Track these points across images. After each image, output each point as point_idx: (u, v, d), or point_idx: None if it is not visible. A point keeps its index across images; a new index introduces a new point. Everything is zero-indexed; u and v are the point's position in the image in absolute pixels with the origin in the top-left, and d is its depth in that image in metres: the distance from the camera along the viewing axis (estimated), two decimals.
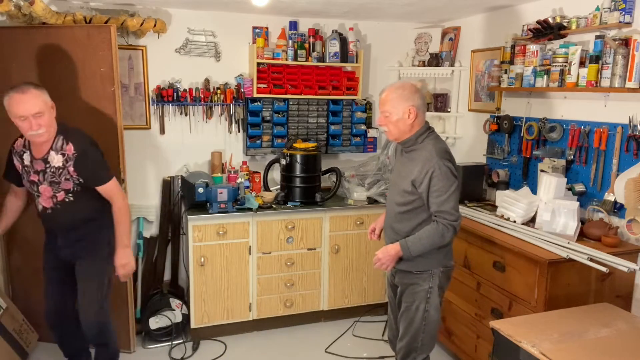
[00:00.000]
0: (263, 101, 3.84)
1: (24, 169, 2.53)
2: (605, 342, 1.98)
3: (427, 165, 2.24)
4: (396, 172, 2.48)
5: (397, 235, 2.40)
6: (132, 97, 3.64)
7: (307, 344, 3.51)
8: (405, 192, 2.33)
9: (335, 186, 3.77)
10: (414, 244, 2.29)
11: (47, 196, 2.52)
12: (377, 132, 4.20)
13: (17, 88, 2.35)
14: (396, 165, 2.52)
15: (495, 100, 3.58)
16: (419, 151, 2.32)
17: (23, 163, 2.53)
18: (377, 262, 2.40)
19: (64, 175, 2.49)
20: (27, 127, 2.35)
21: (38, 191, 2.53)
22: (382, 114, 2.35)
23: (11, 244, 3.33)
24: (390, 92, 2.32)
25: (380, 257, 2.38)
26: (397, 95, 2.30)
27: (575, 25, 2.83)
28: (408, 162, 2.36)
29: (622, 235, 2.67)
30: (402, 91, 2.31)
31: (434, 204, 2.26)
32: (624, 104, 2.66)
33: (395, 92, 2.31)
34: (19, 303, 3.32)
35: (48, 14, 2.89)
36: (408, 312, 2.44)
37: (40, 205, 2.57)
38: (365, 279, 3.81)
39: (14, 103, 2.33)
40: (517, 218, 2.95)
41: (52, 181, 2.49)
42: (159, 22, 3.44)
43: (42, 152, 2.49)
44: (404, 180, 2.35)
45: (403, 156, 2.44)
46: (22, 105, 2.32)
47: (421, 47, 4.20)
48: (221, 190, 3.36)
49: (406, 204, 2.35)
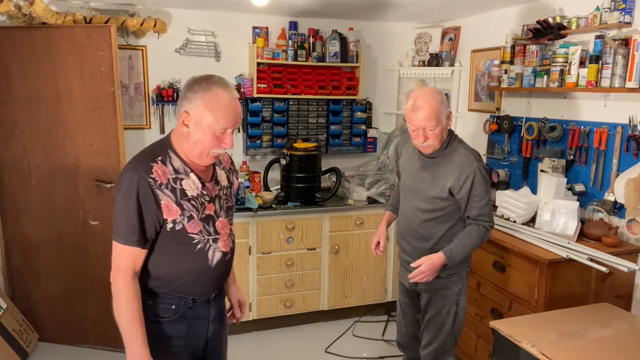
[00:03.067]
0: (263, 101, 3.83)
1: (191, 204, 1.60)
2: (605, 342, 1.98)
3: (467, 170, 2.16)
4: (416, 178, 2.31)
5: (425, 242, 2.30)
6: (132, 97, 3.64)
7: (307, 344, 3.51)
8: (438, 198, 2.22)
9: (335, 186, 3.77)
10: (458, 251, 2.19)
11: (226, 234, 1.71)
12: (377, 132, 4.20)
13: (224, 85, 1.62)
14: (412, 171, 2.35)
15: (495, 100, 3.58)
16: (450, 156, 2.21)
17: (186, 196, 1.60)
18: (419, 276, 2.19)
19: (232, 194, 1.83)
20: (225, 142, 1.60)
21: (216, 232, 1.67)
22: (426, 130, 2.12)
23: (11, 244, 3.33)
24: (432, 103, 2.10)
25: (425, 270, 2.18)
26: (438, 103, 2.12)
27: (575, 25, 2.83)
28: (437, 167, 2.23)
29: (622, 235, 2.67)
30: (439, 97, 2.13)
31: (474, 208, 2.19)
32: (624, 104, 2.66)
33: (434, 100, 2.11)
34: (19, 303, 3.32)
35: (48, 14, 2.90)
36: (438, 318, 2.36)
37: (219, 253, 1.68)
38: (365, 279, 3.81)
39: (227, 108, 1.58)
40: (517, 218, 2.94)
41: (227, 207, 1.76)
42: (159, 22, 3.45)
43: (207, 173, 1.70)
44: (433, 187, 2.23)
45: (422, 161, 2.29)
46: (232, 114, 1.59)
47: (421, 47, 4.20)
48: None
49: (437, 210, 2.25)
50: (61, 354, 3.23)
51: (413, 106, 2.12)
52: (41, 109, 3.15)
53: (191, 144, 1.59)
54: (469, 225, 2.24)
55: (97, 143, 3.18)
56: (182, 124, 1.58)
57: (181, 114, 1.59)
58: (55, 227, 3.29)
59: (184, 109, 1.58)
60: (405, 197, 2.41)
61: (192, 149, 1.60)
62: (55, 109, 3.15)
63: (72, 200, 3.25)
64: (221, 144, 1.59)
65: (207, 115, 1.55)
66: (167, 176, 1.57)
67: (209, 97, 1.56)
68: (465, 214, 2.24)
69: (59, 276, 3.34)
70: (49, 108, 3.15)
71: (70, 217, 3.27)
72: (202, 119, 1.55)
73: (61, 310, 3.38)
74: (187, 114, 1.58)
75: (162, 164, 1.57)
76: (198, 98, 1.56)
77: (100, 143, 3.18)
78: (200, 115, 1.55)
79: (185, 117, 1.58)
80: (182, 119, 1.58)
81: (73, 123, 3.17)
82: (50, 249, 3.31)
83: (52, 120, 3.16)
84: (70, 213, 3.27)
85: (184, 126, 1.58)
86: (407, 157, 2.39)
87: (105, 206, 3.25)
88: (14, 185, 3.26)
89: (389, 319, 3.85)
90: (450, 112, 2.21)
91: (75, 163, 3.21)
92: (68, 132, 3.17)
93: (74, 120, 3.16)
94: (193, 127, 1.56)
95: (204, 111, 1.55)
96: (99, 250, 3.30)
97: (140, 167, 1.55)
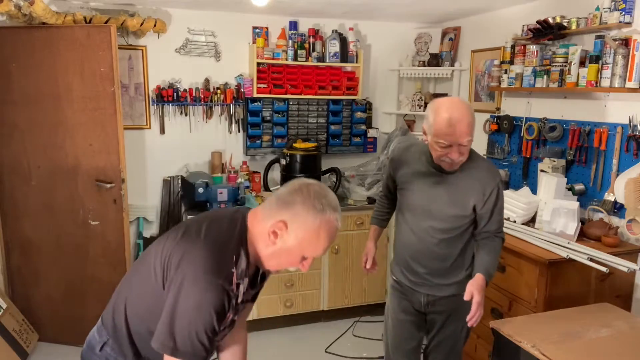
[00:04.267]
0: (263, 101, 3.83)
1: (234, 309, 1.38)
2: (605, 342, 1.97)
3: (492, 184, 2.03)
4: (430, 196, 2.07)
5: (443, 262, 2.12)
6: (132, 97, 3.64)
7: (307, 344, 3.51)
8: (459, 216, 2.05)
9: (335, 186, 3.77)
10: (493, 269, 2.04)
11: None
12: (377, 132, 4.20)
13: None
14: (422, 189, 2.09)
15: (495, 100, 3.58)
16: (469, 170, 2.03)
17: (237, 303, 1.38)
18: (477, 313, 1.95)
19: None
20: (305, 266, 1.39)
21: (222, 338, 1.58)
22: (461, 147, 1.90)
23: (11, 244, 3.33)
24: (468, 115, 1.88)
25: (480, 301, 1.95)
26: (473, 116, 1.92)
27: (575, 25, 2.83)
28: (456, 183, 2.03)
29: (622, 235, 2.66)
30: (471, 109, 1.94)
31: (496, 222, 2.07)
32: (624, 104, 2.66)
33: (470, 112, 1.90)
34: (19, 303, 3.32)
35: (48, 14, 2.89)
36: (452, 337, 2.22)
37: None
38: (365, 279, 3.81)
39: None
40: (517, 218, 2.94)
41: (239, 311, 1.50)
42: (159, 22, 3.45)
43: (255, 275, 1.50)
44: (454, 205, 2.04)
45: (436, 177, 2.06)
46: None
47: (421, 47, 4.20)
48: (221, 190, 3.36)
49: (456, 229, 2.08)
50: (61, 354, 3.23)
51: (449, 121, 1.86)
52: (41, 109, 3.15)
53: (269, 254, 1.36)
54: (488, 240, 2.09)
55: (97, 143, 3.18)
56: (270, 234, 1.32)
57: (275, 222, 1.31)
58: (55, 227, 3.29)
59: (282, 218, 1.31)
60: (414, 217, 2.14)
61: (266, 258, 1.38)
62: (55, 109, 3.15)
63: (72, 200, 3.25)
64: (299, 265, 1.38)
65: (312, 240, 1.32)
66: (236, 282, 1.32)
67: (321, 220, 1.31)
68: (484, 228, 2.08)
69: (59, 276, 3.34)
70: (48, 108, 3.15)
71: (70, 217, 3.27)
72: (301, 239, 1.32)
73: (61, 310, 3.38)
74: (283, 225, 1.31)
75: (236, 267, 1.32)
76: (309, 216, 1.30)
77: (100, 143, 3.18)
78: (302, 236, 1.32)
79: (279, 227, 1.31)
80: (273, 228, 1.31)
81: (73, 123, 3.17)
82: (50, 249, 3.31)
83: (52, 120, 3.16)
84: (70, 213, 3.27)
85: (272, 235, 1.32)
86: (413, 174, 2.12)
87: (105, 206, 3.26)
88: (14, 185, 3.26)
89: None
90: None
91: (75, 163, 3.21)
92: (68, 132, 3.17)
93: (74, 120, 3.16)
94: (283, 243, 1.33)
95: (310, 234, 1.31)
96: (99, 250, 3.31)
97: (223, 274, 1.28)
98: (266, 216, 1.35)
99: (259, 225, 1.36)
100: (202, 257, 1.28)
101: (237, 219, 1.39)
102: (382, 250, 3.75)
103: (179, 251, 1.32)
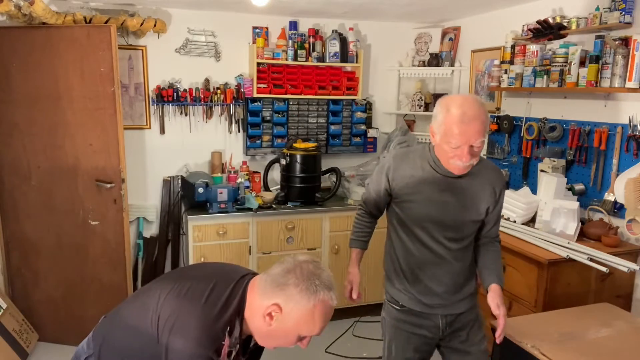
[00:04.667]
0: (263, 101, 3.83)
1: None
2: (605, 342, 1.98)
3: (500, 183, 1.92)
4: (437, 205, 1.86)
5: (459, 275, 1.94)
6: (132, 97, 3.64)
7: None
8: (475, 221, 1.91)
9: (335, 186, 3.77)
10: (502, 275, 1.95)
11: None
12: (377, 132, 4.20)
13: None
14: (428, 198, 1.86)
15: (495, 100, 3.58)
16: (478, 170, 1.86)
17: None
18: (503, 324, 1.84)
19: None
20: (304, 344, 1.41)
21: None
22: (473, 148, 1.72)
23: (11, 244, 3.33)
24: (483, 113, 1.73)
25: (505, 313, 1.87)
26: (487, 114, 1.77)
27: (575, 25, 2.83)
28: (465, 187, 1.86)
29: (622, 235, 2.67)
30: (485, 107, 1.78)
31: (499, 225, 1.99)
32: (624, 104, 2.66)
33: (484, 110, 1.75)
34: (19, 303, 3.32)
35: (48, 14, 2.89)
36: (479, 351, 2.02)
37: None
38: (365, 279, 3.80)
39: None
40: (517, 218, 2.94)
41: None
42: (159, 22, 3.44)
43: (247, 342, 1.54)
44: (467, 211, 1.87)
45: (443, 183, 1.85)
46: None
47: (421, 47, 4.20)
48: (221, 190, 3.36)
49: (468, 236, 1.93)
50: (61, 354, 3.23)
51: (463, 117, 1.68)
52: (41, 109, 3.15)
53: (265, 333, 1.36)
54: (490, 245, 1.99)
55: (97, 143, 3.18)
56: (265, 316, 1.32)
57: (270, 305, 1.32)
58: (55, 227, 3.29)
59: (276, 301, 1.31)
60: (421, 230, 1.90)
61: (263, 336, 1.39)
62: (55, 109, 3.15)
63: (72, 200, 3.25)
64: (296, 344, 1.37)
65: (307, 321, 1.32)
66: (227, 350, 1.34)
67: (315, 302, 1.30)
68: (489, 232, 1.97)
69: (59, 276, 3.34)
70: (49, 108, 3.15)
71: (70, 217, 3.27)
72: (296, 321, 1.31)
73: (61, 310, 3.38)
74: (278, 308, 1.31)
75: (229, 336, 1.34)
76: (303, 299, 1.30)
77: (100, 143, 3.19)
78: (297, 318, 1.31)
79: (274, 310, 1.31)
80: (268, 310, 1.32)
81: (73, 123, 3.17)
82: (50, 249, 3.31)
83: (52, 120, 3.16)
84: (70, 213, 3.27)
85: (267, 317, 1.32)
86: (416, 183, 1.88)
87: (105, 206, 3.26)
88: (14, 185, 3.26)
89: None
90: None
91: (75, 163, 3.21)
92: (68, 132, 3.17)
93: (74, 120, 3.16)
94: (278, 323, 1.32)
95: (305, 316, 1.31)
96: (99, 250, 3.31)
97: (214, 346, 1.30)
98: (261, 294, 1.35)
99: (255, 302, 1.37)
100: (197, 329, 1.30)
101: (239, 287, 1.40)
102: (382, 250, 3.74)
103: (177, 311, 1.33)
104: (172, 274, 1.51)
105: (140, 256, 3.73)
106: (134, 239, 3.70)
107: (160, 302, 1.38)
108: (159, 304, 1.38)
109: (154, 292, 1.42)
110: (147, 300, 1.42)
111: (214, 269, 1.52)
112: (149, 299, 1.42)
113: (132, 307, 1.48)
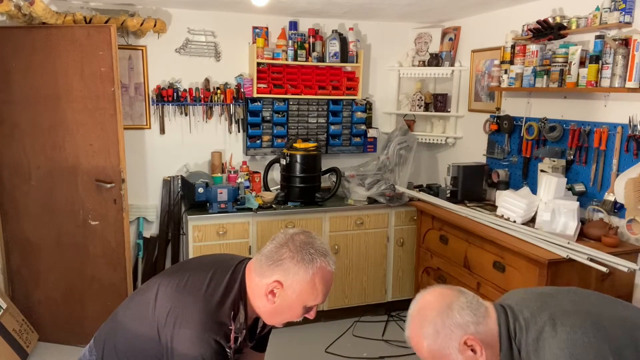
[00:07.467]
0: (263, 101, 3.83)
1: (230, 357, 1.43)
2: None
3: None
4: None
5: None
6: (132, 97, 3.64)
7: (307, 344, 3.51)
8: None
9: (335, 186, 3.77)
10: None
11: None
12: (377, 132, 4.20)
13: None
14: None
15: (495, 100, 3.58)
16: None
17: (230, 353, 1.42)
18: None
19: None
20: (311, 314, 1.44)
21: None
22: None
23: (11, 244, 3.33)
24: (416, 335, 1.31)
25: None
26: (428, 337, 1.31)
27: (575, 25, 2.83)
28: None
29: (622, 235, 2.67)
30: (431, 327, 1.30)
31: None
32: (624, 104, 2.66)
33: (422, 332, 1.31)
34: (19, 303, 3.32)
35: (48, 14, 2.90)
36: None
37: None
38: (365, 279, 3.81)
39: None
40: (517, 218, 2.94)
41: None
42: (159, 22, 3.44)
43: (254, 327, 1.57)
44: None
45: None
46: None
47: (421, 47, 4.20)
48: (221, 190, 3.36)
49: None
50: (61, 354, 3.23)
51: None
52: (41, 109, 3.15)
53: (271, 310, 1.38)
54: None
55: (97, 143, 3.18)
56: (267, 294, 1.35)
57: (270, 282, 1.34)
58: (55, 227, 3.29)
59: (275, 278, 1.34)
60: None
61: (268, 315, 1.41)
62: (55, 109, 3.15)
63: (72, 200, 3.25)
64: (303, 316, 1.39)
65: (309, 291, 1.34)
66: (233, 336, 1.37)
67: (313, 270, 1.33)
68: None
69: (59, 276, 3.34)
70: (49, 108, 3.15)
71: (70, 217, 3.27)
72: (299, 292, 1.34)
73: (61, 310, 3.38)
74: (279, 284, 1.34)
75: (234, 322, 1.36)
76: (301, 270, 1.33)
77: (100, 143, 3.19)
78: (299, 289, 1.34)
79: (275, 287, 1.34)
80: (270, 288, 1.35)
81: (73, 123, 3.17)
82: (50, 249, 3.31)
83: (52, 120, 3.16)
84: (70, 213, 3.27)
85: (270, 295, 1.35)
86: None
87: (105, 206, 3.26)
88: (14, 185, 3.26)
89: (389, 319, 3.85)
90: (467, 337, 1.24)
91: (75, 163, 3.21)
92: (68, 132, 3.17)
93: (74, 120, 3.16)
94: (282, 299, 1.35)
95: (306, 286, 1.33)
96: (99, 251, 3.31)
97: (222, 332, 1.32)
98: (259, 274, 1.37)
99: (253, 282, 1.39)
100: (201, 316, 1.31)
101: (238, 272, 1.43)
102: (382, 250, 3.75)
103: (179, 305, 1.34)
104: (170, 269, 1.52)
105: (141, 256, 3.73)
106: (134, 239, 3.71)
107: (160, 297, 1.38)
108: (158, 300, 1.38)
109: (152, 290, 1.43)
110: (145, 299, 1.42)
111: (211, 259, 1.54)
112: (147, 297, 1.42)
113: (131, 308, 1.48)
